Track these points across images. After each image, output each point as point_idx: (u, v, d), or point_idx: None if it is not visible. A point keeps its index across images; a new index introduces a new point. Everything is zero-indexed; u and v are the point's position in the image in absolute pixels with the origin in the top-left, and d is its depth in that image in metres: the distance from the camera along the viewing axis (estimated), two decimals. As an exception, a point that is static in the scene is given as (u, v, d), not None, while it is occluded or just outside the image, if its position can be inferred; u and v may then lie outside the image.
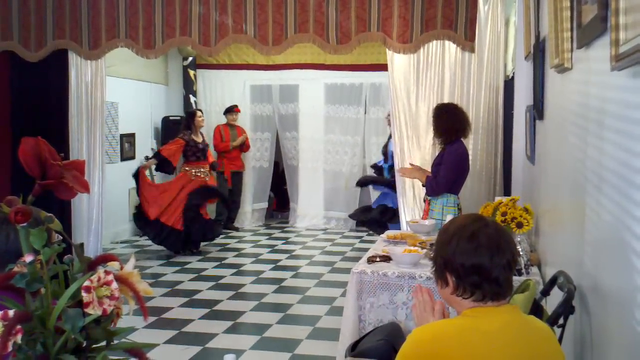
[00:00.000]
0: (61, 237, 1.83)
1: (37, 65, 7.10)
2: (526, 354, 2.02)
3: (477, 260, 2.04)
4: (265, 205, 11.53)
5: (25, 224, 1.67)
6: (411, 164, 5.95)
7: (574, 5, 2.62)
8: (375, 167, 9.27)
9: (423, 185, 5.67)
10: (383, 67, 7.44)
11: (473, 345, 1.99)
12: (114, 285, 1.55)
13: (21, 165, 1.86)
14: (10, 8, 7.03)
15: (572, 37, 2.73)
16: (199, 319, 6.05)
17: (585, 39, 2.37)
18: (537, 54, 4.00)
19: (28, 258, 1.59)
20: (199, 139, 8.92)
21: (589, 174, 2.38)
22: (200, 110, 9.45)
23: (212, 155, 9.43)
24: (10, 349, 1.45)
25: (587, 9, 2.30)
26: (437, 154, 5.60)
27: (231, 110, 10.44)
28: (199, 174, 8.82)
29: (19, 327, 1.46)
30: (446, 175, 5.30)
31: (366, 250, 4.93)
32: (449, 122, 5.35)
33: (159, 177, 9.50)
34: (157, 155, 8.84)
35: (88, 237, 7.47)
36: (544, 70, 3.85)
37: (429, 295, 2.43)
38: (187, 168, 8.82)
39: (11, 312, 1.48)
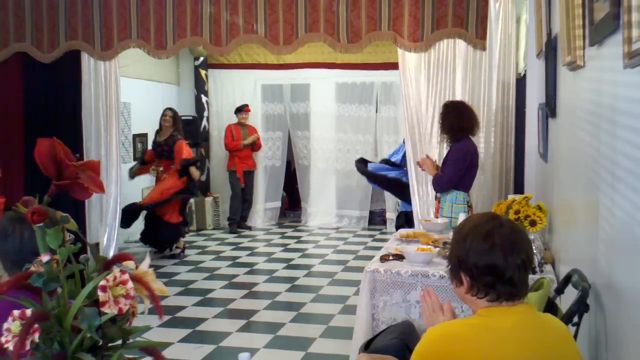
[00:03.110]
0: (74, 236, 1.85)
1: (50, 67, 7.15)
2: (541, 353, 2.00)
3: (491, 261, 2.03)
4: (278, 204, 11.55)
5: (41, 224, 1.69)
6: (427, 155, 5.90)
7: (586, 3, 2.61)
8: (388, 162, 9.09)
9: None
10: (394, 66, 7.43)
11: (488, 344, 1.98)
12: (130, 284, 1.56)
13: (35, 166, 1.88)
14: (23, 9, 7.07)
15: (584, 35, 2.72)
16: (213, 317, 6.07)
17: (598, 36, 2.36)
18: (549, 51, 3.99)
19: (45, 258, 1.61)
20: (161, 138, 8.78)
21: (602, 171, 2.37)
22: (169, 109, 9.02)
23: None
24: (28, 347, 1.46)
25: (599, 7, 2.30)
26: (446, 152, 5.60)
27: (241, 109, 10.46)
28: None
29: (36, 326, 1.48)
30: (450, 172, 5.30)
31: (379, 248, 4.94)
32: (455, 119, 5.33)
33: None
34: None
35: (103, 236, 7.51)
36: (556, 68, 3.84)
37: (436, 297, 2.44)
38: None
39: (29, 312, 1.50)
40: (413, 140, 6.78)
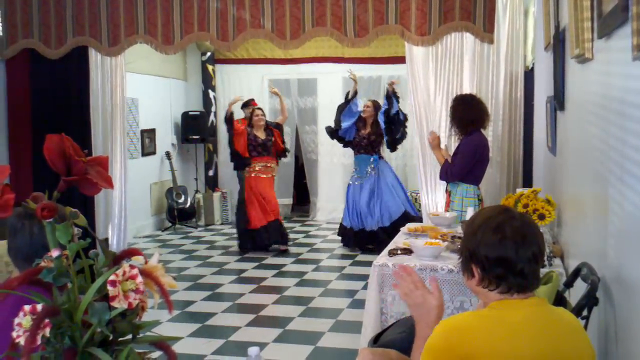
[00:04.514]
0: (81, 231, 1.85)
1: (58, 63, 7.17)
2: (553, 346, 2.00)
3: (502, 253, 2.04)
4: (290, 201, 11.54)
5: (50, 220, 1.69)
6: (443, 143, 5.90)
7: (595, -5, 2.60)
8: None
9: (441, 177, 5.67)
10: (401, 60, 7.42)
11: (499, 337, 1.98)
12: (139, 279, 1.56)
13: (43, 161, 1.88)
14: (30, 6, 7.10)
15: (592, 27, 2.71)
16: (222, 312, 6.09)
17: (606, 28, 2.35)
18: (557, 44, 3.97)
19: (55, 253, 1.61)
20: (260, 135, 8.73)
21: (611, 164, 2.36)
22: (260, 109, 9.06)
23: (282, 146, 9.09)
24: (39, 342, 1.47)
25: (607, -2, 2.29)
26: (456, 145, 5.60)
27: (248, 104, 10.42)
28: (260, 169, 8.73)
29: (47, 321, 1.49)
30: (459, 164, 5.30)
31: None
32: (464, 113, 5.34)
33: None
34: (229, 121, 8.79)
35: (112, 232, 7.53)
36: (564, 61, 3.83)
37: (416, 274, 2.43)
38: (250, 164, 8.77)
39: (39, 307, 1.51)
40: (421, 134, 6.77)
